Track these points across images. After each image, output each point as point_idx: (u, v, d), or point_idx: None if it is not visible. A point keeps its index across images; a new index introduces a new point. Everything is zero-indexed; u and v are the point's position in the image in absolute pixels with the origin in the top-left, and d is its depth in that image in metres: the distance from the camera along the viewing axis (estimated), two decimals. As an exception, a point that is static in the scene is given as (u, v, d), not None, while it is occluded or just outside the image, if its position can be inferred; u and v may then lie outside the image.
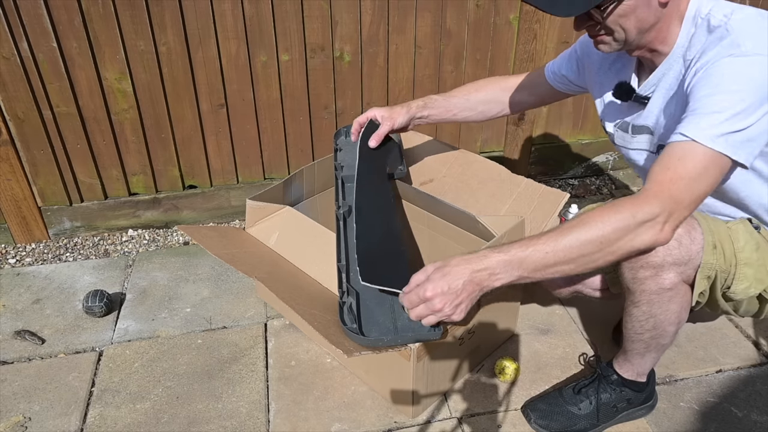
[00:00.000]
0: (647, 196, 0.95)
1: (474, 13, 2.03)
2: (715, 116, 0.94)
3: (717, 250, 1.09)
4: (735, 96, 0.94)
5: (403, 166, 1.64)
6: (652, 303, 1.13)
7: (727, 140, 0.94)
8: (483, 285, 0.96)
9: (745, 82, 0.94)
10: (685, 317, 1.18)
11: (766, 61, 0.95)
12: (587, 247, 0.95)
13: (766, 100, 0.95)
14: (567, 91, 1.46)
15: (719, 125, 0.94)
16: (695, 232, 1.07)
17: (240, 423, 1.37)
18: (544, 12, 1.03)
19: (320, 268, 1.42)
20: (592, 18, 1.04)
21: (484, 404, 1.41)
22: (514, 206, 1.61)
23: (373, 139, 1.47)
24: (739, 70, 0.95)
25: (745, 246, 1.11)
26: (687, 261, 1.07)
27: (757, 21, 1.00)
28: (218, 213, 2.18)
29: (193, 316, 1.70)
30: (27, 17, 1.70)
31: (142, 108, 1.92)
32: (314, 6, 1.88)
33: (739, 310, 1.20)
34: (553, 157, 2.41)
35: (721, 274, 1.11)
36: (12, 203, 1.97)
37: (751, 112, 0.94)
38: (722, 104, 0.94)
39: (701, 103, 0.97)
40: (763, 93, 0.94)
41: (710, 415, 1.39)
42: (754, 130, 0.95)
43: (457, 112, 1.53)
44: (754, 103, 0.94)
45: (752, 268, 1.11)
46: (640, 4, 1.01)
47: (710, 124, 0.94)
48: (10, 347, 1.59)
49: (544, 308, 1.72)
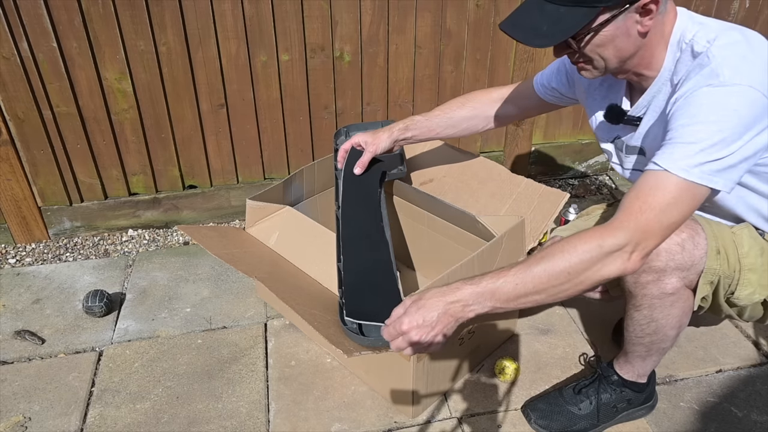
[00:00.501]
0: (615, 226, 0.96)
1: (474, 13, 2.03)
2: (690, 147, 0.94)
3: (721, 256, 1.08)
4: (712, 126, 0.93)
5: (402, 167, 1.65)
6: (654, 307, 1.13)
7: (702, 170, 0.93)
8: (457, 316, 0.97)
9: (723, 113, 0.93)
10: (687, 322, 1.18)
11: (745, 90, 0.93)
12: (556, 278, 0.96)
13: (747, 129, 0.93)
14: (559, 102, 1.41)
15: (694, 156, 0.93)
16: (699, 237, 1.07)
17: (240, 423, 1.37)
18: (521, 43, 1.01)
19: (320, 268, 1.42)
20: (570, 47, 1.03)
21: (484, 404, 1.41)
22: (514, 206, 1.61)
23: (357, 166, 1.50)
24: (717, 100, 0.94)
25: (749, 251, 1.10)
26: (690, 266, 1.07)
27: (739, 47, 0.98)
28: (218, 213, 2.18)
29: (193, 316, 1.70)
30: (27, 17, 1.70)
31: (142, 108, 1.92)
32: (314, 6, 1.88)
33: (744, 315, 1.19)
34: (553, 157, 2.41)
35: (724, 280, 1.10)
36: (12, 203, 1.97)
37: (729, 142, 0.93)
38: (698, 135, 0.93)
39: (678, 133, 0.96)
40: (741, 123, 0.93)
41: (710, 415, 1.39)
42: (734, 158, 0.94)
43: (440, 131, 1.51)
44: (733, 134, 0.93)
45: (756, 273, 1.11)
46: (618, 34, 1.00)
47: (685, 154, 0.94)
48: (10, 347, 1.59)
49: (544, 308, 1.72)
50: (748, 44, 0.98)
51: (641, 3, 0.96)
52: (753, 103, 0.93)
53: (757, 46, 0.98)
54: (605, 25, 0.98)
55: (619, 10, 0.96)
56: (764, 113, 0.94)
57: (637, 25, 0.99)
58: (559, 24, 0.97)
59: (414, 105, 2.15)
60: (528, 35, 1.00)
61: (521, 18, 1.02)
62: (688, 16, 1.05)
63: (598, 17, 0.97)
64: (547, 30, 0.98)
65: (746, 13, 2.22)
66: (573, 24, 0.97)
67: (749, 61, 0.95)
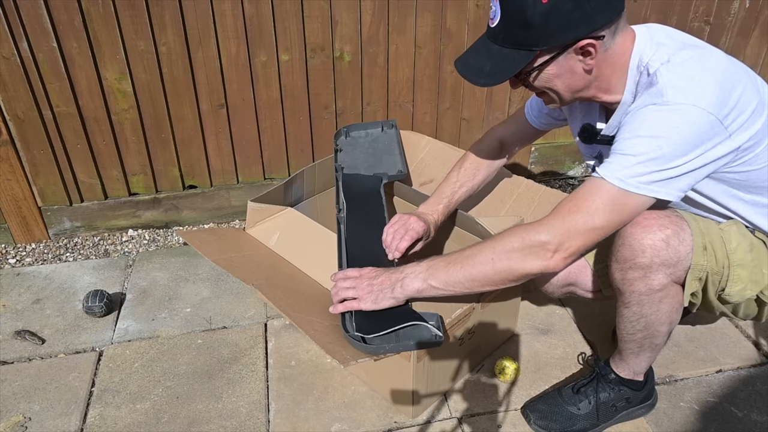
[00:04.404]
0: (542, 223, 1.04)
1: (474, 13, 2.03)
2: (628, 158, 0.99)
3: (708, 252, 1.09)
4: (652, 142, 0.97)
5: (403, 167, 1.65)
6: (643, 304, 1.14)
7: (640, 180, 0.98)
8: (395, 283, 1.14)
9: (664, 130, 0.97)
10: (677, 318, 1.18)
11: (687, 109, 0.96)
12: (482, 266, 1.07)
13: (692, 145, 0.97)
14: (552, 127, 1.45)
15: (632, 167, 0.98)
16: (684, 233, 1.08)
17: (240, 423, 1.37)
18: (470, 83, 1.09)
19: (321, 268, 1.42)
20: (522, 82, 1.09)
21: (484, 404, 1.41)
22: (514, 206, 1.61)
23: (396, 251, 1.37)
24: (659, 118, 0.98)
25: (737, 247, 1.11)
26: (676, 262, 1.08)
27: (688, 67, 1.00)
28: (218, 213, 2.18)
29: (193, 316, 1.70)
30: (27, 17, 1.70)
31: (142, 108, 1.92)
32: (314, 6, 1.88)
33: (738, 312, 1.19)
34: (553, 157, 2.41)
35: (713, 276, 1.11)
36: (12, 203, 1.97)
37: (670, 158, 0.97)
38: (637, 148, 0.98)
39: (619, 145, 1.02)
40: (683, 140, 0.97)
41: (710, 415, 1.39)
42: (677, 171, 0.98)
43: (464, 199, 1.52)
44: (674, 151, 0.97)
45: (747, 269, 1.11)
46: (562, 72, 1.05)
47: (622, 165, 0.99)
48: (10, 347, 1.59)
49: (544, 308, 1.72)
50: (700, 63, 1.00)
51: (578, 46, 1.01)
52: (695, 121, 0.96)
53: (711, 65, 1.00)
54: (546, 65, 1.04)
55: (557, 53, 1.02)
56: (711, 129, 0.97)
57: (580, 63, 1.04)
58: (501, 65, 1.04)
59: (414, 105, 2.15)
60: (474, 74, 1.08)
61: (470, 57, 1.10)
62: (648, 38, 1.07)
63: (537, 59, 1.03)
64: (490, 70, 1.05)
65: (746, 13, 2.22)
66: (513, 65, 1.04)
67: (696, 81, 0.98)
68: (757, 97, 1.01)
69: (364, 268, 1.21)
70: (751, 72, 1.06)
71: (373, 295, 1.16)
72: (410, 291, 1.14)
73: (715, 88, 0.97)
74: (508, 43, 1.04)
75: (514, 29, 1.01)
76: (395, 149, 1.69)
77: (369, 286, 1.17)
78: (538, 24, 0.98)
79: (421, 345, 1.12)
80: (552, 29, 0.99)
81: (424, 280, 1.13)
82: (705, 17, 2.21)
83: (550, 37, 1.00)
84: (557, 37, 1.00)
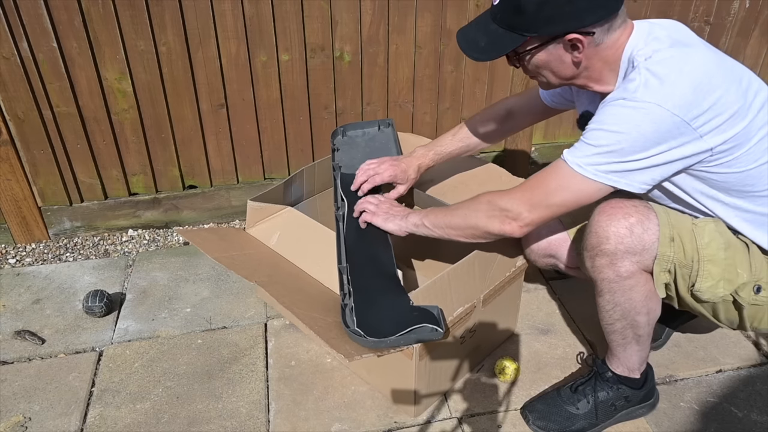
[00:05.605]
0: (509, 192, 1.15)
1: (474, 13, 2.03)
2: (589, 147, 1.04)
3: (675, 243, 1.11)
4: (613, 136, 1.02)
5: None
6: (614, 291, 1.16)
7: (598, 169, 1.04)
8: (404, 216, 1.33)
9: (626, 126, 1.00)
10: (655, 307, 1.20)
11: (651, 108, 0.99)
12: (458, 219, 1.22)
13: (652, 143, 1.00)
14: (562, 107, 1.46)
15: (591, 156, 1.04)
16: (649, 222, 1.11)
17: (240, 423, 1.37)
18: (465, 54, 1.15)
19: (322, 267, 1.42)
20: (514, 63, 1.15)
21: (484, 404, 1.41)
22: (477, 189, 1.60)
23: None
24: (624, 114, 1.01)
25: (710, 243, 1.11)
26: (641, 250, 1.11)
27: (665, 66, 1.01)
28: (218, 213, 2.18)
29: (193, 316, 1.70)
30: (27, 17, 1.70)
31: (142, 108, 1.92)
32: (314, 6, 1.88)
33: (719, 316, 1.18)
34: (553, 157, 2.40)
35: (681, 269, 1.12)
36: (12, 203, 1.97)
37: (628, 152, 1.01)
38: (599, 140, 1.03)
39: (587, 133, 1.06)
40: (643, 137, 1.00)
41: (710, 415, 1.39)
42: (636, 165, 1.03)
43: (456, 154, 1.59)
44: (633, 147, 1.01)
45: (718, 266, 1.11)
46: (551, 60, 1.10)
47: (583, 153, 1.05)
48: (10, 347, 1.59)
49: (544, 308, 1.72)
50: (680, 63, 1.01)
51: (566, 39, 1.06)
52: (656, 120, 0.99)
53: (691, 67, 1.01)
54: (537, 51, 1.09)
55: (546, 41, 1.07)
56: (675, 129, 1.00)
57: (569, 55, 1.09)
58: (494, 44, 1.10)
59: (414, 105, 2.15)
60: (470, 47, 1.14)
61: (471, 30, 1.16)
62: (645, 33, 1.09)
63: (527, 44, 1.09)
64: (485, 47, 1.12)
65: (746, 13, 2.22)
66: (503, 46, 1.10)
67: (669, 81, 0.99)
68: (740, 101, 1.01)
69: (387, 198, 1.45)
70: (747, 75, 1.07)
71: (386, 215, 1.36)
72: (411, 223, 1.31)
73: (686, 90, 0.98)
74: (503, 24, 1.09)
75: (510, 12, 1.07)
76: (392, 148, 1.69)
77: (386, 211, 1.37)
78: (531, 11, 1.04)
79: (422, 339, 1.12)
80: (543, 18, 1.04)
81: (420, 218, 1.28)
82: (705, 17, 2.21)
83: (540, 26, 1.05)
84: (547, 27, 1.05)
